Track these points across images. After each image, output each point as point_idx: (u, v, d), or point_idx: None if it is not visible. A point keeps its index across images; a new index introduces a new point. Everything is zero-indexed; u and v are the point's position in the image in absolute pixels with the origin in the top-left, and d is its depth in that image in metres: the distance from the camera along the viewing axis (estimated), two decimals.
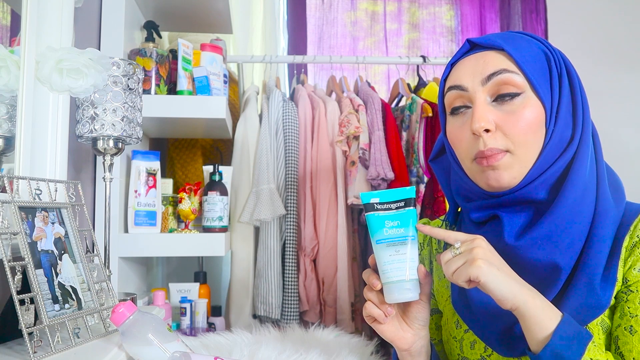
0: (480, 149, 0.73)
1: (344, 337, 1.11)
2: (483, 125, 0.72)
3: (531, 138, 0.73)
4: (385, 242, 0.73)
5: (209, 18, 1.76)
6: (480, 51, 0.76)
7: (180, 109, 1.48)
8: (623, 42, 2.60)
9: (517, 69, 0.73)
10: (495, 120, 0.73)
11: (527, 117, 0.72)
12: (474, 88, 0.75)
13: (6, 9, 0.94)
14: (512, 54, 0.73)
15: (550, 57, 0.76)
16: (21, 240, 0.71)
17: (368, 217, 0.75)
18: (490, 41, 0.76)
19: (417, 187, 1.87)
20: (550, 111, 0.73)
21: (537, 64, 0.74)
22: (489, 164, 0.73)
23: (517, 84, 0.73)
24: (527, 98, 0.73)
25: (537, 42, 0.77)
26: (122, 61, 1.05)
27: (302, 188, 1.87)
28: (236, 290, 1.85)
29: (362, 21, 2.62)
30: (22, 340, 0.71)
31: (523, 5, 2.63)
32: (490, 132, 0.73)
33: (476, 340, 0.81)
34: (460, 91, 0.77)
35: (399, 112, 2.01)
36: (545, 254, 0.71)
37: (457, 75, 0.78)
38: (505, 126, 0.73)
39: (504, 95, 0.73)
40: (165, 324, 0.79)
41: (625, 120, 2.45)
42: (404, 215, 0.74)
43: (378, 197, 0.75)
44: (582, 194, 0.72)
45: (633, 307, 0.69)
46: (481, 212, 0.79)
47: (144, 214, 1.45)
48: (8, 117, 0.88)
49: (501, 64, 0.74)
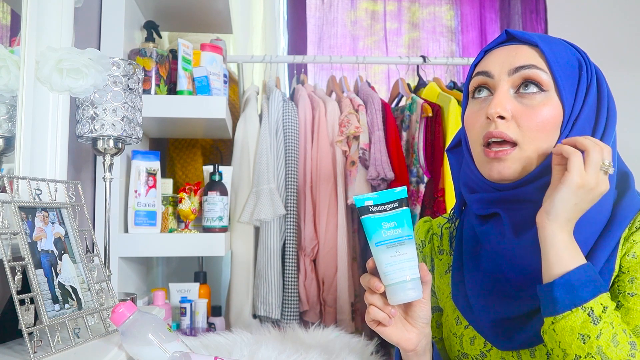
0: (490, 130, 0.74)
1: (344, 337, 1.11)
2: (499, 111, 0.73)
3: (543, 136, 0.73)
4: (385, 244, 0.73)
5: (209, 18, 1.76)
6: (515, 44, 0.77)
7: (180, 109, 1.48)
8: (623, 42, 2.60)
9: (546, 67, 0.74)
10: (513, 110, 0.74)
11: (544, 115, 0.73)
12: (500, 76, 0.76)
13: (6, 9, 0.94)
14: (544, 52, 0.74)
15: (584, 66, 0.76)
16: (21, 240, 0.71)
17: (364, 220, 0.75)
18: (527, 36, 0.76)
19: (417, 187, 1.87)
20: (569, 116, 0.74)
21: (568, 68, 0.75)
22: (496, 156, 0.74)
23: (542, 81, 0.73)
24: (548, 97, 0.74)
25: (574, 50, 0.78)
26: (122, 61, 1.05)
27: (302, 188, 1.87)
28: (236, 290, 1.84)
29: (362, 21, 2.62)
30: (22, 340, 0.71)
31: (523, 5, 2.63)
32: (504, 119, 0.73)
33: (476, 336, 0.82)
34: (486, 77, 0.78)
35: (399, 112, 2.01)
36: None
37: (487, 62, 0.79)
38: (520, 118, 0.73)
39: (527, 88, 0.74)
40: (165, 324, 0.79)
41: (625, 120, 2.45)
42: (400, 215, 0.74)
43: (372, 199, 0.75)
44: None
45: (622, 285, 0.71)
46: (482, 206, 0.79)
47: (144, 214, 1.45)
48: (8, 117, 0.88)
49: (532, 59, 0.74)
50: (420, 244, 0.96)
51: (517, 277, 0.75)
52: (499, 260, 0.77)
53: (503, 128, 0.73)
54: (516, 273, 0.75)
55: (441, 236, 0.94)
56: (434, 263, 0.94)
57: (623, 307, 0.70)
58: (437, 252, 0.94)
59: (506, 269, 0.76)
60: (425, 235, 0.96)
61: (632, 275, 0.71)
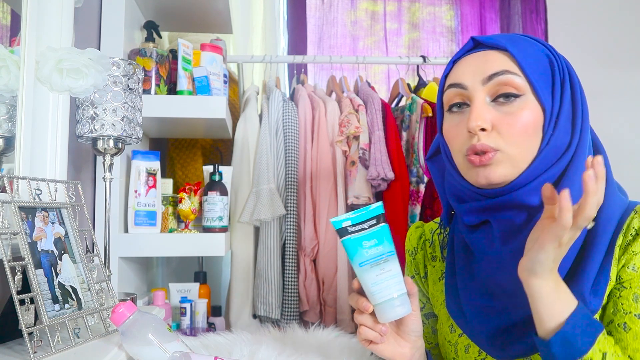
0: (472, 143, 0.73)
1: (344, 337, 1.10)
2: (480, 124, 0.72)
3: (525, 140, 0.72)
4: (369, 264, 0.73)
5: (209, 18, 1.76)
6: (483, 50, 0.76)
7: (180, 109, 1.48)
8: (623, 42, 2.60)
9: (519, 71, 0.72)
10: (492, 120, 0.73)
11: (524, 119, 0.72)
12: (474, 87, 0.74)
13: (6, 9, 0.94)
14: (515, 56, 0.73)
15: (554, 62, 0.75)
16: (21, 240, 0.71)
17: (344, 242, 0.74)
18: (494, 41, 0.75)
19: (417, 187, 1.87)
20: (549, 116, 0.73)
21: (540, 67, 0.74)
22: (480, 163, 0.73)
23: (517, 86, 0.72)
24: (526, 100, 0.72)
25: (541, 46, 0.77)
26: (122, 61, 1.05)
27: (302, 188, 1.87)
28: (236, 290, 1.84)
29: (362, 21, 2.62)
30: (22, 340, 0.71)
31: (523, 5, 2.63)
32: (486, 131, 0.73)
33: (470, 344, 0.81)
34: (460, 89, 0.76)
35: (399, 112, 2.01)
36: None
37: (458, 73, 0.77)
38: (501, 126, 0.72)
39: (503, 96, 0.73)
40: (165, 324, 0.79)
41: (625, 121, 2.45)
42: (379, 232, 0.74)
43: (349, 219, 0.74)
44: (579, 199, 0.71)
45: (627, 304, 0.69)
46: (472, 216, 0.78)
47: (144, 214, 1.45)
48: (8, 117, 0.88)
49: (503, 64, 0.73)
50: (413, 250, 0.95)
51: (509, 284, 0.73)
52: (490, 268, 0.76)
53: (485, 140, 0.72)
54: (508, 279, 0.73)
55: (432, 243, 0.93)
56: (427, 270, 0.93)
57: (631, 331, 0.67)
58: (430, 258, 0.93)
59: (498, 276, 0.75)
60: (417, 242, 0.95)
61: (635, 292, 0.69)
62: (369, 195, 1.81)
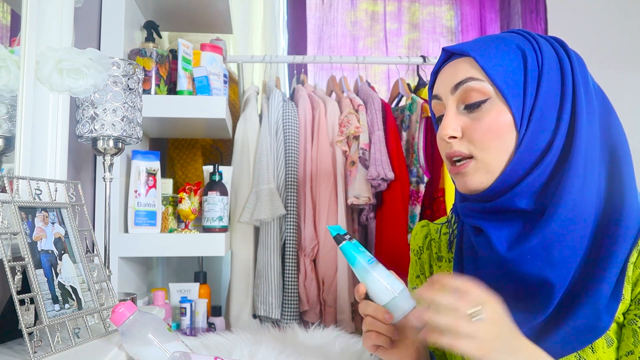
0: (447, 151, 0.77)
1: (344, 337, 1.11)
2: (448, 132, 0.75)
3: (494, 143, 0.72)
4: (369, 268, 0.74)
5: (209, 18, 1.76)
6: (454, 59, 0.78)
7: (180, 109, 1.48)
8: (623, 42, 2.60)
9: (483, 76, 0.73)
10: (462, 127, 0.75)
11: (492, 123, 0.72)
12: (446, 97, 0.77)
13: (6, 9, 0.94)
14: (477, 60, 0.73)
15: (530, 56, 0.73)
16: (21, 240, 0.71)
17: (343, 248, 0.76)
18: (461, 47, 0.76)
19: (417, 187, 1.87)
20: (520, 116, 0.72)
21: (508, 67, 0.72)
22: (457, 171, 0.76)
23: (482, 91, 0.73)
24: (493, 104, 0.73)
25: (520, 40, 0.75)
26: (122, 61, 1.05)
27: (302, 188, 1.87)
28: (236, 290, 1.84)
29: (362, 21, 2.62)
30: (22, 340, 0.71)
31: (523, 5, 2.63)
32: (456, 138, 0.75)
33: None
34: (437, 100, 0.79)
35: (399, 112, 2.01)
36: (536, 268, 0.69)
37: (436, 84, 0.80)
38: (469, 132, 0.74)
39: (470, 102, 0.74)
40: (165, 324, 0.79)
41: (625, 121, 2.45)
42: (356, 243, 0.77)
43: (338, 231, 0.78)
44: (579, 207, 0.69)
45: None
46: (470, 217, 0.79)
47: (144, 214, 1.45)
48: (8, 117, 0.88)
49: (468, 72, 0.74)
50: (418, 250, 0.95)
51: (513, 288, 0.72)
52: (494, 271, 0.75)
53: (457, 147, 0.75)
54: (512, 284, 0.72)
55: (440, 242, 0.92)
56: (432, 270, 0.93)
57: None
58: (435, 259, 0.92)
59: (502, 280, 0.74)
60: (423, 241, 0.95)
61: None
62: (368, 195, 1.81)
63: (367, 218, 1.88)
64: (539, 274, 0.69)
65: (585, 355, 0.70)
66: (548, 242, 0.69)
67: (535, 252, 0.70)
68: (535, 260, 0.70)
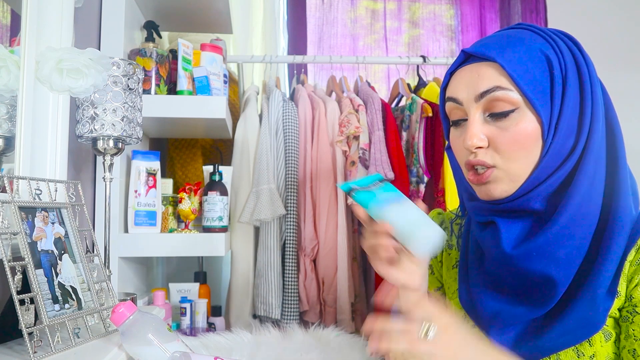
0: (469, 159, 0.74)
1: (344, 337, 1.11)
2: (475, 142, 0.72)
3: (523, 154, 0.71)
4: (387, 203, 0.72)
5: (209, 18, 1.76)
6: (475, 62, 0.74)
7: (180, 109, 1.48)
8: (623, 42, 2.60)
9: (511, 85, 0.70)
10: (488, 136, 0.73)
11: (520, 134, 0.70)
12: (469, 104, 0.74)
13: (6, 9, 0.94)
14: (505, 68, 0.70)
15: (553, 60, 0.71)
16: (21, 240, 0.71)
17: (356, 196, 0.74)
18: (484, 51, 0.73)
19: (417, 187, 1.87)
20: (548, 124, 0.71)
21: (535, 73, 0.70)
22: (479, 181, 0.74)
23: (510, 101, 0.70)
24: (522, 113, 0.71)
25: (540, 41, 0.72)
26: (122, 61, 1.05)
27: (302, 188, 1.87)
28: (236, 290, 1.85)
29: (363, 19, 2.62)
30: (22, 340, 0.71)
31: (523, 5, 2.63)
32: (482, 148, 0.73)
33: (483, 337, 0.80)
34: (456, 104, 0.76)
35: (399, 112, 2.01)
36: (541, 266, 0.70)
37: (454, 87, 0.77)
38: (497, 142, 0.72)
39: (497, 111, 0.72)
40: (165, 324, 0.79)
41: (625, 121, 2.45)
42: (386, 186, 0.76)
43: (355, 183, 0.76)
44: (586, 206, 0.70)
45: (638, 330, 0.68)
46: (480, 215, 0.78)
47: (144, 214, 1.45)
48: (8, 117, 0.88)
49: (494, 80, 0.71)
50: None
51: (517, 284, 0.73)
52: (498, 267, 0.76)
53: (482, 156, 0.73)
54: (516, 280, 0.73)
55: (451, 232, 0.93)
56: (443, 256, 0.93)
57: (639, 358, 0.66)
58: (446, 246, 0.93)
59: (506, 276, 0.75)
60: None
61: None
62: None
63: None
64: (543, 271, 0.70)
65: (582, 349, 0.71)
66: (554, 241, 0.70)
67: (541, 250, 0.70)
68: (541, 257, 0.70)
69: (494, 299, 0.76)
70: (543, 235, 0.70)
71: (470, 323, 0.83)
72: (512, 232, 0.74)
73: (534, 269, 0.70)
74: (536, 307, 0.71)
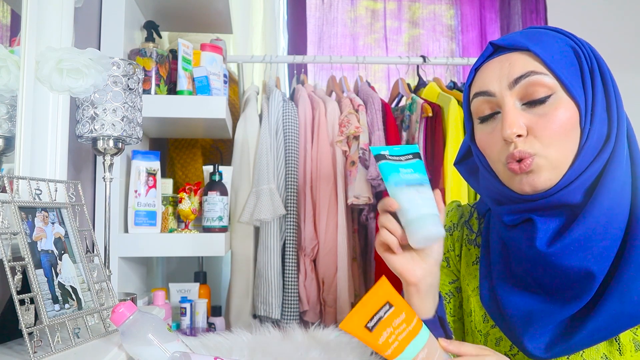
0: (510, 151, 0.71)
1: (344, 337, 1.10)
2: (515, 131, 0.70)
3: (564, 140, 0.70)
4: (405, 184, 0.71)
5: (209, 18, 1.76)
6: (504, 53, 0.73)
7: (180, 109, 1.48)
8: (623, 42, 2.60)
9: (546, 69, 0.70)
10: (527, 124, 0.71)
11: (560, 119, 0.69)
12: (502, 93, 0.72)
13: (6, 9, 0.94)
14: (538, 54, 0.70)
15: (579, 51, 0.72)
16: (21, 240, 0.71)
17: (381, 165, 0.73)
18: (513, 42, 0.72)
19: None
20: (585, 110, 0.70)
21: (567, 61, 0.71)
22: (521, 170, 0.71)
23: (547, 85, 0.70)
24: (558, 99, 0.70)
25: (563, 36, 0.74)
26: (122, 61, 1.05)
27: (302, 188, 1.87)
28: (236, 290, 1.85)
29: (363, 19, 2.62)
30: (22, 340, 0.71)
31: (523, 5, 2.63)
32: (522, 137, 0.71)
33: (502, 338, 0.79)
34: (488, 97, 0.74)
35: (399, 112, 2.01)
36: (579, 260, 0.68)
37: (483, 80, 0.75)
38: (536, 129, 0.70)
39: (534, 97, 0.70)
40: (165, 324, 0.79)
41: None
42: (416, 164, 0.74)
43: (387, 150, 0.74)
44: (619, 196, 0.69)
45: None
46: (514, 215, 0.76)
47: (144, 214, 1.45)
48: (8, 117, 0.88)
49: (528, 65, 0.70)
50: (452, 226, 0.93)
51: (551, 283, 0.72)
52: (529, 266, 0.73)
53: (522, 146, 0.70)
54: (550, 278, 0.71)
55: (471, 227, 0.91)
56: (462, 251, 0.91)
57: None
58: (466, 241, 0.91)
59: (538, 275, 0.73)
60: (458, 220, 0.93)
61: None
62: (369, 195, 1.81)
63: (367, 218, 1.88)
64: (581, 266, 0.68)
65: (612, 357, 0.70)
66: (591, 233, 0.68)
67: (578, 243, 0.69)
68: (578, 252, 0.69)
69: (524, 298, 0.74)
70: (580, 228, 0.69)
71: (491, 323, 0.81)
72: (548, 230, 0.72)
73: (572, 264, 0.69)
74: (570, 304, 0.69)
